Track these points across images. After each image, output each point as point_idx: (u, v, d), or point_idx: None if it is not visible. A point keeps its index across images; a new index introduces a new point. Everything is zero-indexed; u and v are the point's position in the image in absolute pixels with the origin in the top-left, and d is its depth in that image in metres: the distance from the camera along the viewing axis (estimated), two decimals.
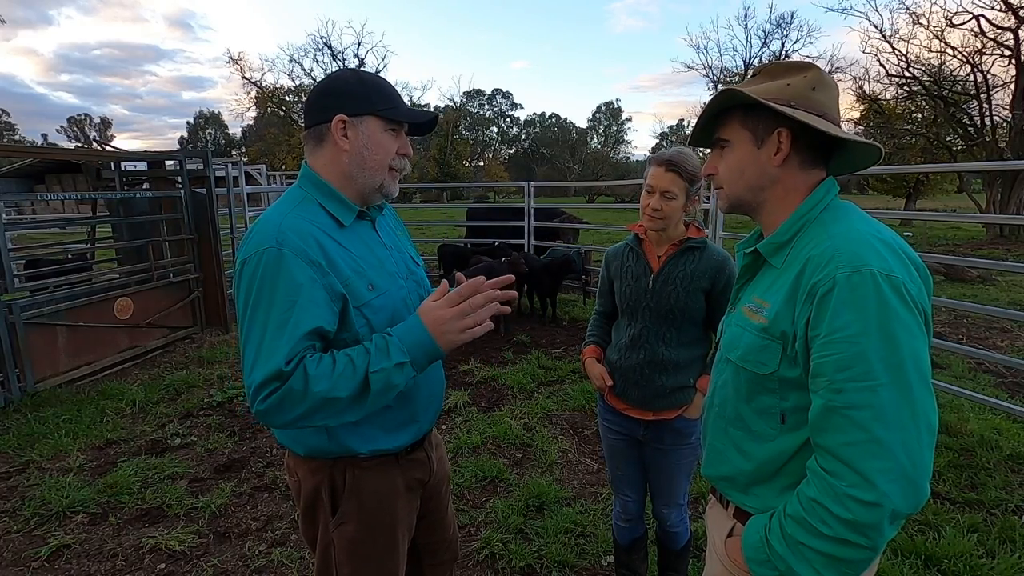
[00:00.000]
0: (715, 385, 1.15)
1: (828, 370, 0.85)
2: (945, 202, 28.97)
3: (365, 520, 1.27)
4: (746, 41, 37.96)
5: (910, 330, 0.83)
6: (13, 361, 4.13)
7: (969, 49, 16.85)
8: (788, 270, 0.97)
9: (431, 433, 1.44)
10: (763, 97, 0.97)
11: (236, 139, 62.79)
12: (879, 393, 0.81)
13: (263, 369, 1.06)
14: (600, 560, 2.43)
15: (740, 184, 1.06)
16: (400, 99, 1.27)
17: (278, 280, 1.09)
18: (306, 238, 1.13)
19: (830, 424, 0.85)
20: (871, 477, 0.80)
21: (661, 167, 1.68)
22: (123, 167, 6.00)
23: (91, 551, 2.53)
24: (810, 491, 0.88)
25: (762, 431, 1.02)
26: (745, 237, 1.18)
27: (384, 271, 1.27)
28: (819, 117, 0.97)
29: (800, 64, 1.02)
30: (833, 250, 0.89)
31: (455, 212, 24.88)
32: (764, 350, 0.98)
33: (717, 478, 1.14)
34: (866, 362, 0.82)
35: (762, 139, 1.01)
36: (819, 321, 0.87)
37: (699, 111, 7.14)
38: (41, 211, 19.56)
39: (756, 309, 1.02)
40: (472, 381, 4.64)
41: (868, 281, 0.84)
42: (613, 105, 67.36)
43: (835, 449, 0.85)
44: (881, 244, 0.89)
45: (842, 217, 0.98)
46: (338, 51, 36.90)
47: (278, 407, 1.06)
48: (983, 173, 19.29)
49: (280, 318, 1.08)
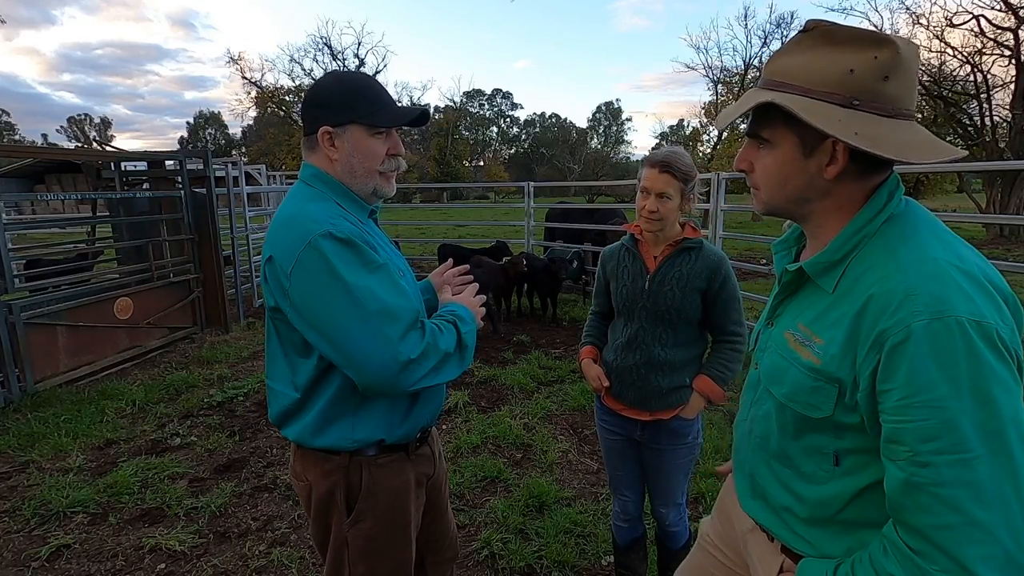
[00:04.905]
0: (753, 414, 1.01)
1: (909, 439, 0.71)
2: (945, 202, 28.93)
3: (381, 517, 1.29)
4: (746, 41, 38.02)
5: (1007, 388, 0.69)
6: (13, 361, 4.13)
7: (969, 49, 16.86)
8: (844, 300, 0.82)
9: (433, 428, 1.47)
10: (818, 87, 0.79)
11: (236, 139, 62.80)
12: (975, 468, 0.68)
13: (402, 318, 1.12)
14: (600, 560, 2.43)
15: (781, 195, 0.89)
16: (386, 98, 1.26)
17: (360, 252, 1.13)
18: (349, 226, 1.16)
19: (916, 503, 0.72)
20: (970, 565, 0.68)
21: (655, 168, 1.67)
22: (123, 167, 6.01)
23: (91, 551, 2.53)
24: (891, 566, 0.74)
25: (812, 472, 0.89)
26: (783, 236, 1.04)
27: (401, 260, 1.36)
28: (889, 118, 0.78)
29: (871, 37, 0.77)
30: (905, 289, 0.73)
31: (455, 212, 24.92)
32: (816, 392, 0.84)
33: (759, 511, 1.01)
34: (958, 431, 0.68)
35: (812, 147, 0.82)
36: (891, 375, 0.73)
37: (699, 111, 6.93)
38: (41, 211, 19.56)
39: (804, 342, 0.87)
40: (472, 381, 4.64)
41: (954, 331, 0.69)
42: (613, 105, 67.40)
43: (924, 531, 0.71)
44: (965, 277, 0.73)
45: (911, 235, 0.80)
46: (338, 51, 36.94)
47: (423, 357, 1.13)
48: (983, 173, 19.29)
49: (385, 278, 1.15)
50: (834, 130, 0.76)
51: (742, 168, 0.94)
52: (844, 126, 0.76)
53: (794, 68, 0.82)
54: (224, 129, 68.58)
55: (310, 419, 1.24)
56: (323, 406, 1.22)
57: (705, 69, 30.08)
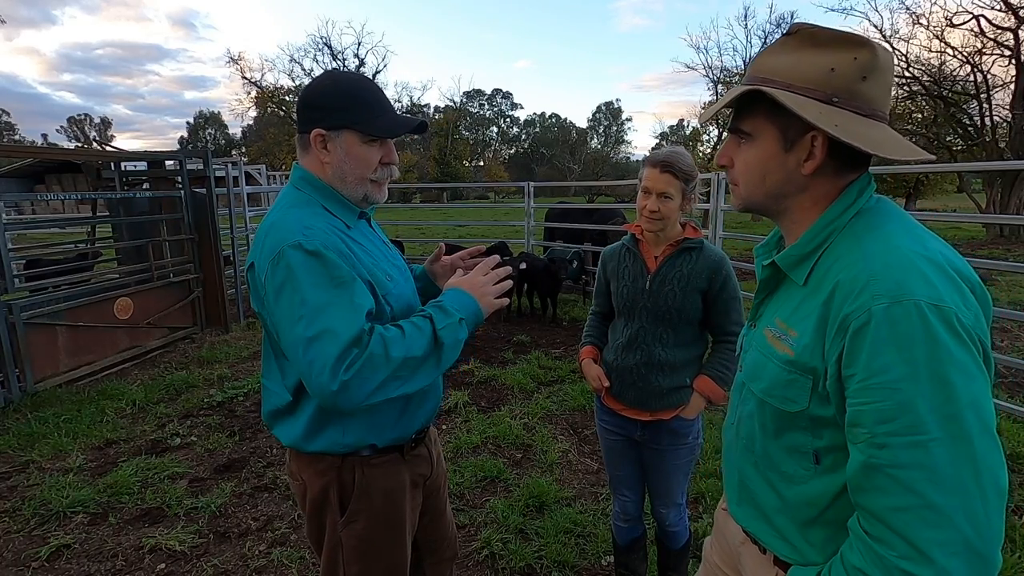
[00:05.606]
0: (739, 415, 1.02)
1: (868, 421, 0.72)
2: (945, 202, 28.96)
3: (375, 517, 1.28)
4: (746, 41, 38.02)
5: (967, 371, 0.69)
6: (13, 361, 4.13)
7: (969, 49, 16.85)
8: (815, 292, 0.84)
9: (431, 429, 1.46)
10: (800, 84, 0.81)
11: (236, 139, 62.81)
12: (931, 451, 0.68)
13: (341, 338, 1.05)
14: (600, 560, 2.43)
15: (759, 189, 0.90)
16: (383, 104, 1.23)
17: (326, 265, 1.10)
18: (329, 234, 1.15)
19: (873, 484, 0.73)
20: (927, 550, 0.68)
21: (656, 168, 1.67)
22: (123, 167, 6.02)
23: (91, 551, 2.53)
24: (854, 558, 0.75)
25: (793, 472, 0.89)
26: (763, 240, 1.06)
27: (392, 264, 1.33)
28: (865, 118, 0.81)
29: (851, 39, 0.81)
30: (868, 274, 0.75)
31: (455, 212, 24.92)
32: (791, 385, 0.85)
33: (748, 518, 1.01)
34: (914, 413, 0.69)
35: (792, 141, 0.84)
36: (854, 359, 0.74)
37: (699, 112, 7.09)
38: (41, 211, 19.56)
39: (780, 336, 0.89)
40: (472, 381, 4.64)
41: (912, 314, 0.70)
42: (613, 105, 67.44)
43: (881, 514, 0.72)
44: (927, 263, 0.74)
45: (878, 226, 0.82)
46: (338, 51, 36.98)
47: (360, 375, 1.05)
48: (983, 173, 19.29)
49: (342, 294, 1.09)
50: (815, 120, 0.78)
51: (723, 164, 0.96)
52: (825, 118, 0.79)
53: (778, 66, 0.85)
54: (224, 129, 68.65)
55: (301, 425, 1.23)
56: (313, 412, 1.22)
57: (705, 69, 30.11)
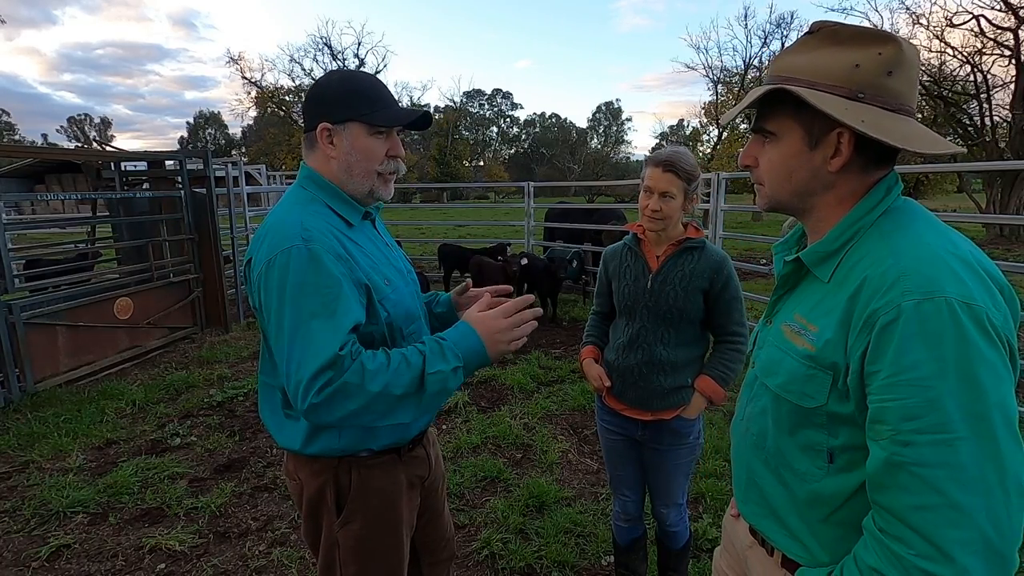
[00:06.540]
0: (750, 411, 1.01)
1: (892, 418, 0.71)
2: (945, 202, 28.95)
3: (371, 518, 1.28)
4: (746, 41, 38.02)
5: (995, 371, 0.69)
6: (13, 361, 4.13)
7: (969, 49, 16.84)
8: (840, 288, 0.82)
9: (429, 430, 1.46)
10: (824, 81, 0.80)
11: (236, 139, 62.81)
12: (958, 449, 0.67)
13: (317, 359, 1.03)
14: (600, 560, 2.43)
15: (785, 188, 0.89)
16: (388, 99, 1.24)
17: (318, 273, 1.09)
18: (327, 235, 1.14)
19: (895, 482, 0.71)
20: (948, 549, 0.67)
21: (658, 168, 1.68)
22: (123, 167, 6.02)
23: (91, 551, 2.53)
24: (869, 558, 0.74)
25: (806, 470, 0.88)
26: (784, 237, 1.05)
27: (392, 267, 1.31)
28: (892, 112, 0.79)
29: (875, 35, 0.80)
30: (898, 271, 0.74)
31: (455, 212, 24.92)
32: (810, 381, 0.84)
33: (756, 516, 1.00)
34: (942, 411, 0.68)
35: (817, 139, 0.83)
36: (879, 356, 0.73)
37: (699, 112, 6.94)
38: (41, 211, 19.57)
39: (799, 331, 0.87)
40: (472, 381, 4.64)
41: (943, 311, 0.69)
42: (613, 105, 67.42)
43: (902, 512, 0.71)
44: (958, 262, 0.73)
45: (906, 224, 0.81)
46: (338, 51, 36.98)
47: (331, 401, 1.03)
48: (983, 173, 19.28)
49: (326, 309, 1.07)
50: (842, 116, 0.77)
51: (747, 163, 0.94)
52: (851, 114, 0.77)
53: (800, 64, 0.83)
54: (224, 129, 68.61)
55: (298, 430, 1.23)
56: None
57: (705, 69, 30.17)
